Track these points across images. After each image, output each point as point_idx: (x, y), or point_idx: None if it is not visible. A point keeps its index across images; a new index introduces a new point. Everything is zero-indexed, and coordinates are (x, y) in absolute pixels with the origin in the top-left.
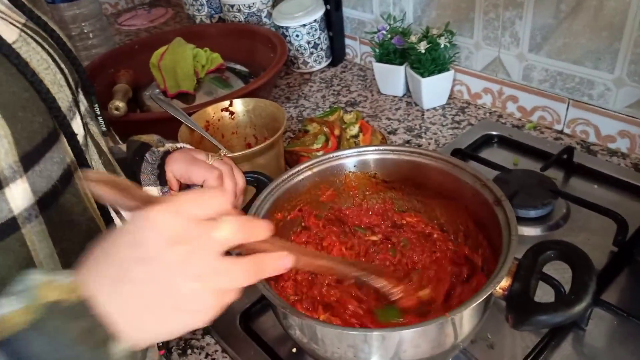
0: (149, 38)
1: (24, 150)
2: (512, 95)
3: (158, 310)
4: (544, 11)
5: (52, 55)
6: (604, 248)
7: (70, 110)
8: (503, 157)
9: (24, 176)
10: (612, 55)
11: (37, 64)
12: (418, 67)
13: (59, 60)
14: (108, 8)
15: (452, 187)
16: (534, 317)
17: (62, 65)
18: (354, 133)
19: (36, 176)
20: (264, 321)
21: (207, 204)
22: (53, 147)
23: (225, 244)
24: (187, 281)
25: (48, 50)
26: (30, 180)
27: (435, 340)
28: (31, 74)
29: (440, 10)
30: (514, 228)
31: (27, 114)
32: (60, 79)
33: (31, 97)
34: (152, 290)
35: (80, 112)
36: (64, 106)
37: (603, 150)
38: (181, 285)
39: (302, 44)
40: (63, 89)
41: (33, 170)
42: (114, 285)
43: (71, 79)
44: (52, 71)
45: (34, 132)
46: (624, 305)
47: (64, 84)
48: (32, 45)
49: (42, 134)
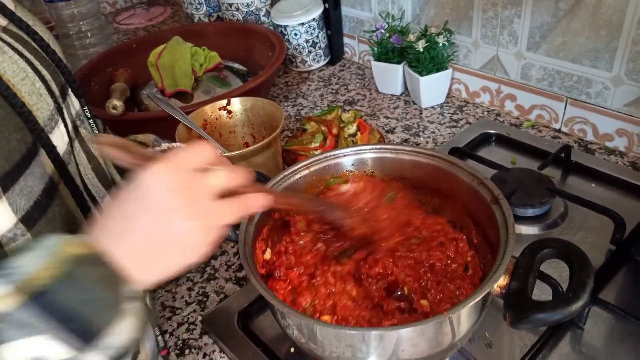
0: (147, 37)
1: (3, 170)
2: (510, 93)
3: (161, 251)
4: (543, 10)
5: (31, 62)
6: (602, 247)
7: (52, 119)
8: (501, 155)
9: (3, 197)
10: (610, 53)
11: (13, 74)
12: (416, 65)
13: (39, 67)
14: (107, 7)
15: (450, 185)
16: (532, 315)
17: (42, 72)
18: (352, 132)
19: (15, 195)
20: (261, 321)
21: (199, 157)
22: (32, 163)
23: (217, 189)
24: (185, 221)
25: (27, 57)
26: (9, 200)
27: (433, 339)
28: (5, 88)
29: (438, 9)
30: (511, 226)
31: (3, 132)
32: (40, 87)
33: (7, 114)
34: (155, 235)
35: (65, 119)
36: (43, 116)
37: (601, 149)
38: (179, 225)
39: (300, 43)
40: (43, 97)
41: (12, 190)
42: (122, 237)
43: (55, 84)
44: (30, 80)
45: (12, 151)
46: (621, 303)
47: (44, 92)
48: (8, 54)
49: (21, 150)
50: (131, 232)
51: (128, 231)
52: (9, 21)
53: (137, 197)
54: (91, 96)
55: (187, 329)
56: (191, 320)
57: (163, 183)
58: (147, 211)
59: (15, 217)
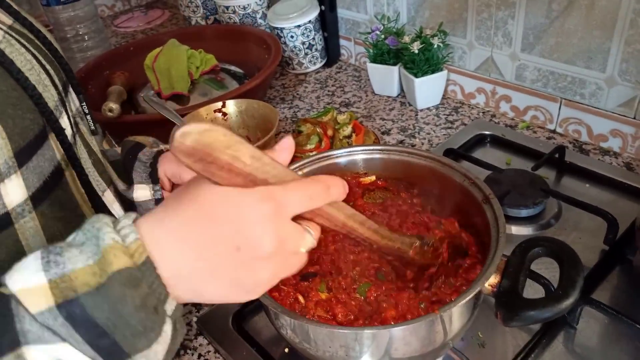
0: (144, 40)
1: (18, 146)
2: (505, 94)
3: (221, 283)
4: (536, 11)
5: (36, 56)
6: (595, 247)
7: (57, 109)
8: (496, 156)
9: (18, 172)
10: (604, 54)
11: (21, 64)
12: (412, 67)
13: (43, 62)
14: (105, 10)
15: (442, 185)
16: (523, 312)
17: (47, 67)
18: (347, 133)
19: (29, 172)
20: (256, 322)
21: (309, 203)
22: (44, 144)
23: (300, 252)
24: (266, 273)
25: (32, 52)
26: (24, 175)
27: (426, 337)
28: (17, 71)
29: (433, 11)
30: (502, 225)
31: (18, 111)
32: (45, 79)
33: (20, 95)
34: (225, 267)
35: (68, 112)
36: (50, 104)
37: (595, 150)
38: (260, 274)
39: (296, 45)
40: (48, 88)
41: (27, 166)
42: (185, 252)
43: (57, 79)
44: (35, 71)
45: (25, 129)
46: (614, 304)
47: (48, 83)
48: (15, 46)
49: (34, 130)
50: (198, 251)
51: (195, 248)
52: (14, 19)
53: (223, 218)
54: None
55: None
56: (186, 321)
57: (263, 224)
58: (229, 241)
59: (27, 193)
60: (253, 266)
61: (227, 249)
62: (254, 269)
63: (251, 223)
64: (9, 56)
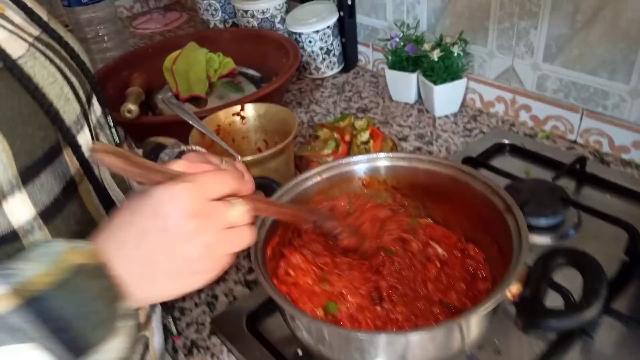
0: (163, 42)
1: (24, 164)
2: (525, 104)
3: (167, 272)
4: (560, 21)
5: (61, 69)
6: (615, 257)
7: (78, 123)
8: (515, 166)
9: (23, 190)
10: (629, 66)
11: (43, 78)
12: (431, 74)
13: (68, 74)
14: (123, 11)
15: (463, 194)
16: (544, 320)
17: (71, 79)
18: (365, 139)
19: (36, 190)
20: (270, 323)
21: (222, 187)
22: (55, 161)
23: (233, 223)
24: (198, 248)
25: (57, 64)
26: (30, 193)
27: (443, 344)
28: (33, 87)
29: (454, 19)
30: (524, 233)
31: (28, 128)
32: (68, 92)
33: (33, 112)
34: (165, 255)
35: (90, 124)
36: (69, 119)
37: (616, 161)
38: (192, 251)
39: (314, 50)
40: (70, 102)
41: (33, 184)
42: (130, 251)
43: (82, 91)
44: (58, 85)
45: (34, 146)
46: (634, 314)
47: (71, 97)
48: (39, 60)
49: (43, 147)
50: (140, 248)
51: (137, 246)
52: (42, 30)
53: (153, 213)
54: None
55: (196, 329)
56: (200, 321)
57: (183, 206)
58: (161, 231)
59: (35, 210)
60: (181, 244)
61: (155, 234)
62: (183, 246)
63: (165, 202)
64: (27, 72)
